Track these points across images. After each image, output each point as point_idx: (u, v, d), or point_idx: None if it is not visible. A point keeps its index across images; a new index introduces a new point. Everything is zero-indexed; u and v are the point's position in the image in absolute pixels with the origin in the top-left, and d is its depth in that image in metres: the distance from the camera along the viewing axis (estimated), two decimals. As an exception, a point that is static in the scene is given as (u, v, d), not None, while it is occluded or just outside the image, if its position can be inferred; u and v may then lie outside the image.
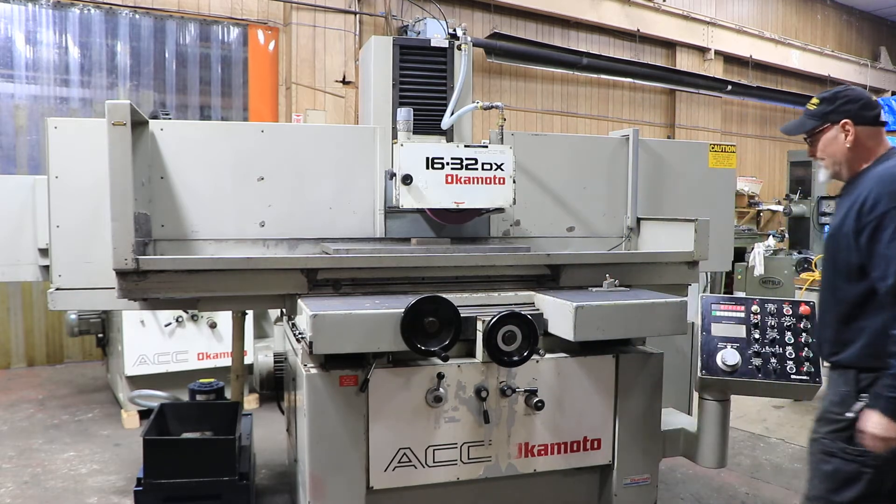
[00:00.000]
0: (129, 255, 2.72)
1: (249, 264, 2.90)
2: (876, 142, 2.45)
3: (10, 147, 7.10)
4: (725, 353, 3.00)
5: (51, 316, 7.19)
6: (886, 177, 2.31)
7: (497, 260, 3.15)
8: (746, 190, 12.05)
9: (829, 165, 2.52)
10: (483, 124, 7.33)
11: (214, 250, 3.35)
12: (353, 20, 8.57)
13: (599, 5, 10.88)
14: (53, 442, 4.89)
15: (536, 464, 2.96)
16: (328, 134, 3.56)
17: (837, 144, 2.45)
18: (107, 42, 7.49)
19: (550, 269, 3.22)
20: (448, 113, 3.65)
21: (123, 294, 2.78)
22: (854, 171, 2.48)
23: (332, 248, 3.23)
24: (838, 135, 2.44)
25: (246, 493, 3.36)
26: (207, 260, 2.99)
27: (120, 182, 2.74)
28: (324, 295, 2.95)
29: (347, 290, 3.00)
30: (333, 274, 2.98)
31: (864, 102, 2.45)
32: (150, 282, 2.79)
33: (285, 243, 3.44)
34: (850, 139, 2.42)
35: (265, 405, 5.49)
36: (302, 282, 2.94)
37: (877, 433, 2.20)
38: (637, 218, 3.94)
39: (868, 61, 15.27)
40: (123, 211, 2.73)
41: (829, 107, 2.46)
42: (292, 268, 2.94)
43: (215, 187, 3.35)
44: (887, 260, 2.21)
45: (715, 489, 4.22)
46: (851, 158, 2.45)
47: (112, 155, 2.73)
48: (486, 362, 2.78)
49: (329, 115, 8.25)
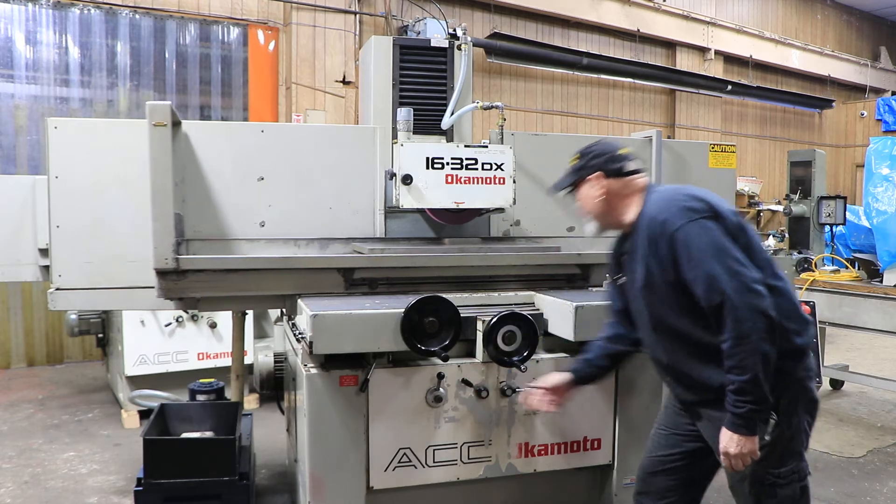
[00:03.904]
0: (170, 254, 2.76)
1: (288, 264, 2.94)
2: (631, 190, 2.43)
3: (10, 147, 7.10)
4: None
5: (51, 316, 7.19)
6: (656, 206, 2.28)
7: (530, 259, 3.20)
8: (746, 190, 12.06)
9: (592, 217, 2.52)
10: (483, 124, 7.32)
11: (247, 249, 3.37)
12: (353, 20, 8.57)
13: (599, 5, 10.88)
14: (53, 442, 4.89)
15: (536, 464, 2.96)
16: (328, 134, 3.56)
17: (591, 198, 2.46)
18: (107, 42, 7.48)
19: (580, 269, 3.24)
20: (448, 113, 3.65)
21: (163, 294, 2.81)
22: (620, 221, 2.46)
23: (367, 248, 3.24)
24: (591, 189, 2.46)
25: (246, 493, 3.36)
26: (247, 259, 3.02)
27: (160, 182, 2.77)
28: (324, 295, 2.95)
29: (383, 290, 3.02)
30: (370, 273, 3.02)
31: (610, 156, 2.46)
32: (189, 281, 2.82)
33: (316, 243, 3.46)
34: (601, 192, 2.43)
35: (265, 405, 5.48)
36: (339, 281, 2.98)
37: (734, 451, 2.15)
38: None
39: (868, 61, 15.27)
40: (164, 211, 2.77)
41: (581, 163, 2.49)
42: (330, 267, 2.97)
43: (228, 186, 3.36)
44: (693, 281, 2.15)
45: (715, 489, 4.18)
46: (608, 210, 2.45)
47: (153, 155, 2.76)
48: (486, 362, 2.78)
49: (329, 115, 8.25)
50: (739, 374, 2.10)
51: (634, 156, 2.49)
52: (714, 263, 2.13)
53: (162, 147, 2.76)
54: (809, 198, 8.47)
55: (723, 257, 2.13)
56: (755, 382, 2.09)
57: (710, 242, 2.15)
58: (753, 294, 2.10)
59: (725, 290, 2.09)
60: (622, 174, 2.44)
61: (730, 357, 2.12)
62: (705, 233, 2.17)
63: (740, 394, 2.11)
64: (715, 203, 2.24)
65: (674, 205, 2.24)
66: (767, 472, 2.27)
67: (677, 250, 2.19)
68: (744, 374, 2.09)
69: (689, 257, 2.17)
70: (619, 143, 2.51)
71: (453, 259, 3.10)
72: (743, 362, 2.09)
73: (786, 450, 2.27)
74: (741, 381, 2.10)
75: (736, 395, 2.12)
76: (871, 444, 4.93)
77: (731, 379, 2.12)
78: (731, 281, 2.10)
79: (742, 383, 2.10)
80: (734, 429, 2.15)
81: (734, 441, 2.15)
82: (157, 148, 2.76)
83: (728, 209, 2.26)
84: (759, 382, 2.09)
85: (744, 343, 2.08)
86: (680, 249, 2.19)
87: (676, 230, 2.18)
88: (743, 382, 2.10)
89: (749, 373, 2.09)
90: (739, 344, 2.09)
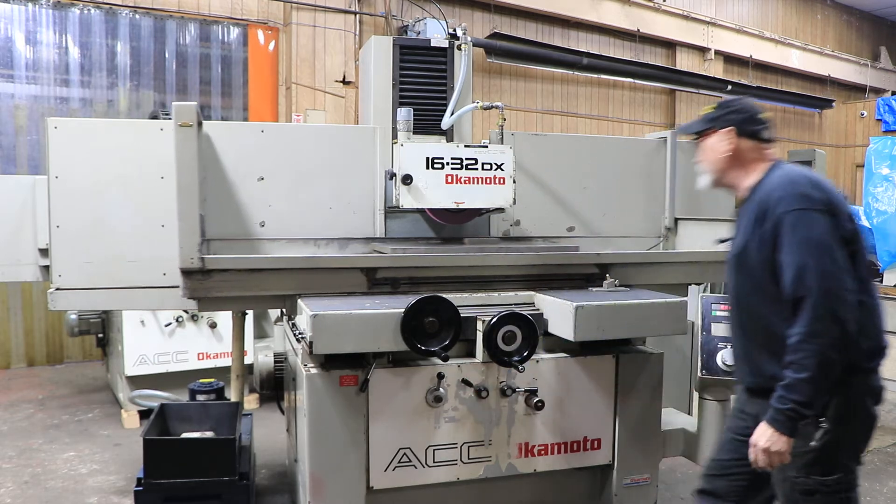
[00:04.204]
0: (196, 254, 2.75)
1: (313, 263, 2.95)
2: (758, 156, 2.39)
3: (10, 147, 7.10)
4: (725, 353, 3.00)
5: (51, 316, 7.19)
6: (779, 184, 2.24)
7: (550, 259, 3.21)
8: (746, 190, 12.04)
9: (708, 171, 2.49)
10: (483, 124, 7.32)
11: (267, 248, 3.38)
12: (353, 20, 8.57)
13: (599, 5, 10.88)
14: (53, 442, 4.89)
15: (536, 464, 2.96)
16: (328, 134, 3.57)
17: (717, 151, 2.42)
18: (107, 42, 7.48)
19: (599, 268, 3.26)
20: (448, 113, 3.65)
21: (188, 293, 2.81)
22: (736, 184, 2.44)
23: (388, 248, 3.25)
24: (719, 142, 2.41)
25: (246, 493, 3.36)
26: (273, 259, 3.03)
27: (186, 182, 2.77)
28: (324, 295, 2.95)
29: (405, 289, 3.02)
30: (392, 273, 3.01)
31: (750, 116, 2.42)
32: (214, 281, 2.81)
33: (335, 243, 3.47)
34: (729, 148, 2.39)
35: (265, 405, 5.48)
36: (361, 281, 2.97)
37: (762, 446, 2.12)
38: (675, 218, 4.03)
39: (868, 61, 15.26)
40: (189, 211, 2.77)
41: (717, 114, 2.45)
42: (353, 267, 2.97)
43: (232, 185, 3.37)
44: (786, 266, 2.13)
45: (715, 489, 4.21)
46: (729, 168, 2.42)
47: (179, 155, 2.77)
48: (486, 362, 2.78)
49: (329, 115, 8.25)
50: (796, 371, 2.06)
51: (772, 125, 2.44)
52: (810, 257, 2.08)
53: (188, 147, 2.77)
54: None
55: (822, 254, 2.08)
56: (809, 383, 2.04)
57: (815, 236, 2.10)
58: (839, 301, 2.05)
59: (812, 286, 2.05)
60: (755, 138, 2.39)
61: (793, 352, 2.07)
62: (814, 225, 2.11)
63: (789, 390, 2.07)
64: (835, 200, 2.18)
65: (793, 187, 2.18)
66: (810, 477, 2.22)
67: (781, 232, 2.14)
68: (801, 372, 2.05)
69: (788, 242, 2.12)
70: (760, 108, 2.46)
71: (475, 259, 3.11)
72: (804, 360, 2.05)
73: (833, 460, 2.21)
74: (796, 378, 2.06)
75: (785, 390, 2.08)
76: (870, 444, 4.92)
77: (787, 374, 2.08)
78: (822, 280, 2.05)
79: (796, 380, 2.05)
80: (771, 423, 2.10)
81: (766, 435, 2.11)
82: (183, 148, 2.77)
83: (846, 211, 2.19)
84: (812, 385, 2.04)
85: (812, 342, 2.04)
86: (784, 232, 2.14)
87: (787, 213, 2.14)
88: (797, 380, 2.05)
89: (806, 372, 2.04)
90: (807, 342, 2.05)
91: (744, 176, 2.40)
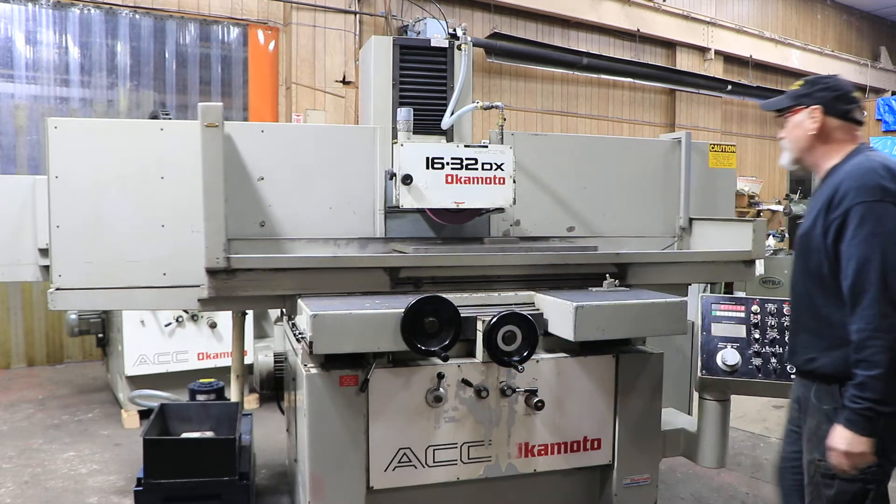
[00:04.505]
0: (221, 253, 2.78)
1: (338, 263, 2.97)
2: (845, 137, 2.31)
3: (10, 147, 7.10)
4: (725, 353, 3.00)
5: (51, 316, 7.19)
6: (854, 172, 2.18)
7: (571, 259, 3.24)
8: (746, 190, 12.05)
9: (791, 149, 2.42)
10: (483, 124, 7.33)
11: (289, 248, 3.39)
12: (353, 20, 8.57)
13: (599, 5, 10.88)
14: (53, 442, 4.89)
15: (536, 464, 2.96)
16: (328, 134, 3.56)
17: (802, 129, 2.34)
18: (107, 42, 7.49)
19: (618, 268, 3.28)
20: (448, 113, 3.65)
21: (213, 292, 2.83)
22: (818, 164, 2.36)
23: (410, 248, 3.26)
24: (805, 119, 2.33)
25: (246, 493, 3.36)
26: (299, 259, 3.04)
27: (212, 182, 2.81)
28: (323, 295, 2.95)
29: (428, 288, 3.04)
30: (415, 272, 3.04)
31: (841, 94, 2.32)
32: (239, 280, 2.84)
33: (355, 243, 3.50)
34: (815, 126, 2.31)
35: (265, 405, 5.48)
36: (384, 280, 3.00)
37: (842, 448, 2.07)
38: (689, 218, 4.05)
39: (868, 61, 15.28)
40: (216, 210, 2.81)
41: (805, 90, 2.36)
42: (377, 266, 2.99)
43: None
44: (848, 258, 2.09)
45: (715, 489, 4.22)
46: (813, 147, 2.34)
47: (205, 156, 2.81)
48: (486, 362, 2.78)
49: (329, 115, 8.25)
50: (867, 369, 2.01)
51: (863, 106, 2.36)
52: (876, 251, 2.03)
53: (213, 147, 2.81)
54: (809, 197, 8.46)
55: (887, 249, 2.03)
56: (881, 380, 2.00)
57: (884, 229, 2.05)
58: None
59: (875, 281, 2.01)
60: (844, 118, 2.30)
61: (860, 349, 2.03)
62: (885, 218, 2.06)
63: (863, 389, 2.02)
64: None
65: (871, 176, 2.12)
66: None
67: (848, 221, 2.09)
68: (873, 368, 2.00)
69: (854, 235, 2.07)
70: (852, 85, 2.37)
71: (498, 258, 3.13)
72: (875, 357, 2.00)
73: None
74: (867, 376, 2.01)
75: (858, 390, 2.03)
76: None
77: (857, 373, 2.03)
78: (887, 274, 2.01)
79: (868, 378, 2.01)
80: (848, 425, 2.05)
81: (845, 438, 2.06)
82: (210, 148, 2.81)
83: None
84: (885, 381, 2.00)
85: (879, 338, 2.00)
86: (851, 222, 2.09)
87: (858, 203, 2.08)
88: (869, 377, 2.01)
89: (878, 368, 2.00)
90: (875, 338, 2.00)
91: (827, 157, 2.31)
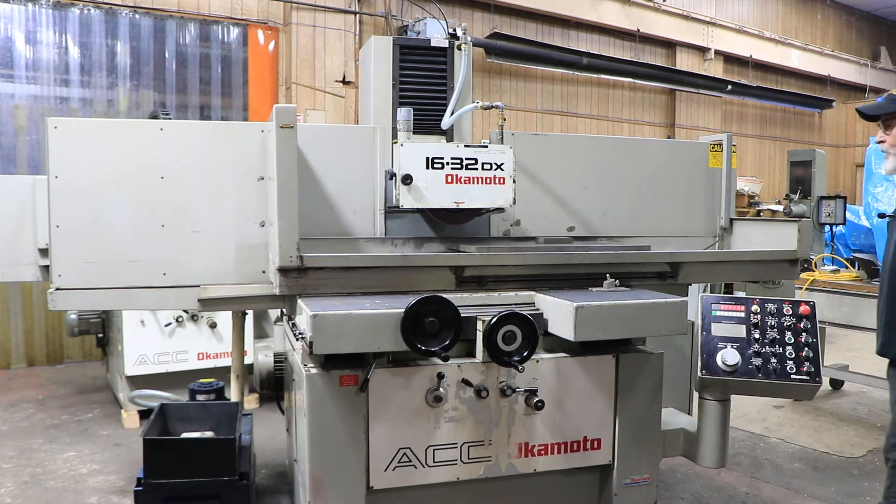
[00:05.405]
0: (295, 252, 2.81)
1: (406, 262, 3.02)
2: None
3: (10, 147, 7.10)
4: (725, 353, 3.00)
5: (51, 316, 7.19)
6: None
7: (628, 258, 3.30)
8: (746, 190, 12.04)
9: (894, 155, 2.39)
10: (483, 124, 7.33)
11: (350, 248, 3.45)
12: (353, 20, 8.57)
13: (599, 5, 10.88)
14: (53, 442, 4.89)
15: (536, 464, 2.96)
16: (328, 134, 3.56)
17: None
18: (107, 42, 7.49)
19: (670, 267, 3.36)
20: (448, 113, 3.65)
21: (284, 290, 2.86)
22: None
23: (473, 248, 3.29)
24: None
25: (246, 493, 3.36)
26: (369, 258, 3.08)
27: (286, 182, 2.84)
28: (323, 295, 2.95)
29: (491, 286, 3.09)
30: (479, 271, 3.08)
31: None
32: (309, 278, 2.88)
33: (412, 242, 3.57)
34: None
35: (265, 405, 5.48)
36: (450, 279, 3.03)
37: None
38: (730, 218, 4.15)
39: (868, 61, 15.28)
40: (290, 210, 2.84)
41: None
42: (444, 265, 3.04)
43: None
44: None
45: (715, 489, 4.22)
46: None
47: (280, 157, 2.83)
48: (486, 362, 2.78)
49: (329, 115, 8.25)
50: None
51: None
52: None
53: (289, 148, 2.84)
54: (809, 198, 8.47)
55: None
56: None
57: None
58: None
59: None
60: None
61: None
62: None
63: None
64: None
65: None
66: None
67: None
68: None
69: None
70: None
71: (557, 258, 3.18)
72: None
73: None
74: None
75: None
76: (871, 444, 4.93)
77: None
78: None
79: None
80: None
81: None
82: (284, 149, 2.83)
83: None
84: None
85: None
86: None
87: None
88: None
89: None
90: None
91: None
